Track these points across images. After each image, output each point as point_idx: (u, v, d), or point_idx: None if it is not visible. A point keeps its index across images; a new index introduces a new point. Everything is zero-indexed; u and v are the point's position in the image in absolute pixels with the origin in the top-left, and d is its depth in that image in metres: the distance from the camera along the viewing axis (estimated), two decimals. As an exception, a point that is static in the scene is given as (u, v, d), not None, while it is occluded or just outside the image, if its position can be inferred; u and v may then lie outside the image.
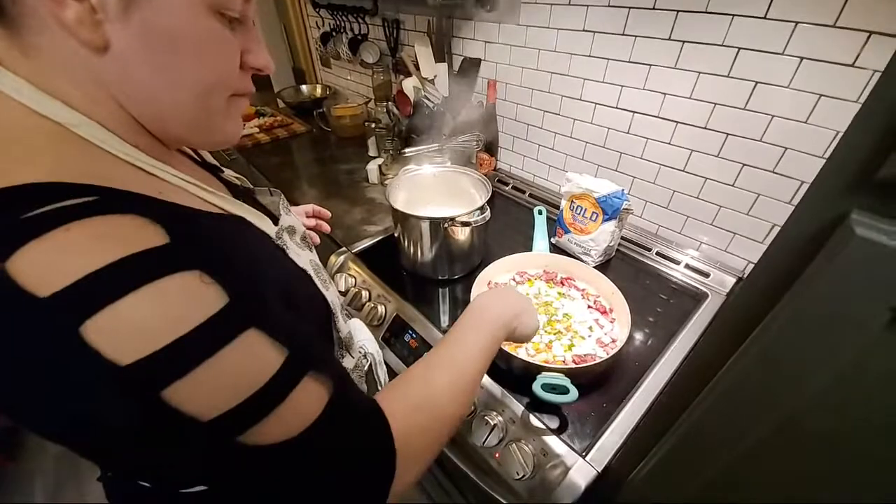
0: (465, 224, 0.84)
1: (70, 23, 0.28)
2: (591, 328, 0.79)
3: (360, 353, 0.65)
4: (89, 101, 0.31)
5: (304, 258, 0.49)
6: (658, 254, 0.99)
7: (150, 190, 0.32)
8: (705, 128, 0.86)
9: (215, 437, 0.28)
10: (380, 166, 1.32)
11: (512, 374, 0.72)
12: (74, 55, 0.29)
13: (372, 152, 1.50)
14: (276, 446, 0.30)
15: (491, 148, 1.27)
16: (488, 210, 0.84)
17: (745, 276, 0.92)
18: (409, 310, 0.88)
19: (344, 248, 1.04)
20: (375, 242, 1.07)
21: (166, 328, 0.26)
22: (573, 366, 0.70)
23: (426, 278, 0.96)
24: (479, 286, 0.84)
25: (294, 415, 0.31)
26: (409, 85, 1.21)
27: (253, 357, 0.30)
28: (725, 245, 0.93)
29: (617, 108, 0.97)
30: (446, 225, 0.85)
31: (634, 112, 0.95)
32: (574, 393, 0.63)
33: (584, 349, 0.75)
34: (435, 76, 1.24)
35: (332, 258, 1.03)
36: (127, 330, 0.25)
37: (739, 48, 0.77)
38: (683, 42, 0.82)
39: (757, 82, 0.77)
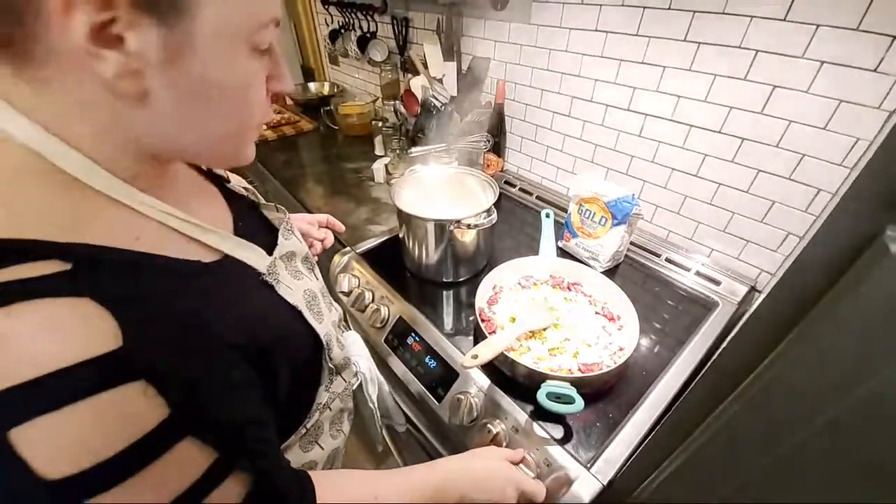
0: (471, 226, 0.82)
1: (108, 76, 0.26)
2: (598, 336, 0.78)
3: (352, 371, 0.64)
4: (93, 136, 0.30)
5: (298, 290, 0.47)
6: (668, 260, 0.97)
7: (125, 237, 0.31)
8: (720, 132, 0.84)
9: None
10: (386, 166, 1.31)
11: (516, 381, 0.70)
12: (97, 99, 0.28)
13: (378, 151, 1.49)
14: None
15: (498, 149, 1.25)
16: (495, 212, 0.83)
17: (757, 284, 0.89)
18: (413, 312, 0.86)
19: (348, 248, 1.03)
20: (380, 243, 1.06)
21: (99, 447, 0.25)
22: (579, 374, 0.68)
23: (430, 280, 0.95)
24: (484, 289, 0.82)
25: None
26: (416, 84, 1.19)
27: (181, 464, 0.29)
28: (738, 253, 0.91)
29: (629, 110, 0.95)
30: (452, 227, 0.83)
31: (647, 115, 0.93)
32: (580, 403, 0.61)
33: (590, 357, 0.73)
34: (443, 75, 1.23)
35: (336, 258, 1.02)
36: (58, 445, 0.24)
37: (757, 51, 0.75)
38: (699, 44, 0.80)
39: (775, 86, 0.75)
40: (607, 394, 0.71)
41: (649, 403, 0.69)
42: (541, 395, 0.63)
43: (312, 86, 1.99)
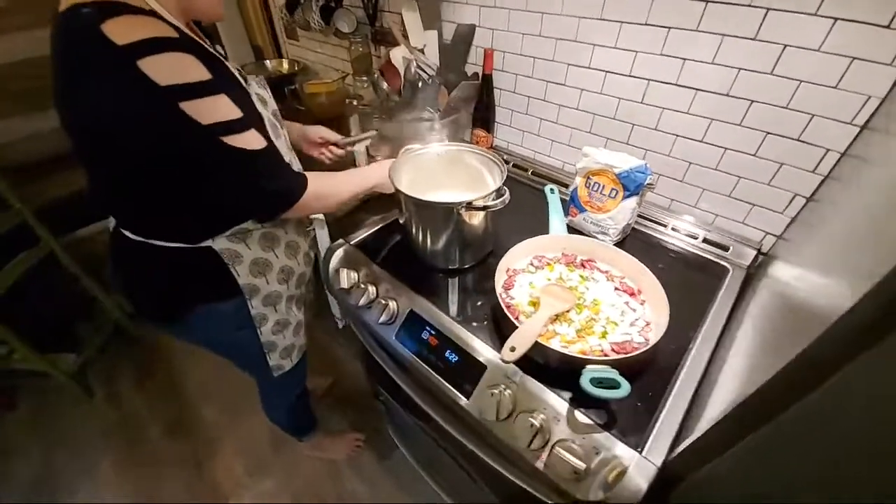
0: (483, 208, 0.76)
1: None
2: (622, 312, 0.75)
3: (308, 218, 0.96)
4: None
5: (264, 112, 0.73)
6: (674, 229, 0.96)
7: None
8: (727, 95, 0.82)
9: (209, 134, 0.59)
10: (367, 148, 1.21)
11: (550, 368, 0.67)
12: None
13: (355, 132, 1.38)
14: (238, 150, 0.62)
15: (487, 124, 1.19)
16: (507, 192, 0.77)
17: (762, 247, 0.90)
18: (424, 304, 0.80)
19: (341, 240, 0.95)
20: (375, 231, 0.98)
21: (185, 73, 0.56)
22: (617, 356, 0.65)
23: (436, 269, 0.89)
24: (500, 275, 0.77)
25: (246, 141, 0.63)
26: (397, 55, 1.10)
27: (223, 106, 0.60)
28: (743, 217, 0.91)
29: (630, 76, 0.91)
30: (461, 210, 0.77)
31: (650, 80, 0.89)
32: (626, 387, 0.58)
33: (619, 335, 0.71)
34: (424, 45, 1.14)
35: (329, 252, 0.93)
36: (164, 67, 0.54)
37: (768, 8, 0.72)
38: (707, 2, 0.77)
39: (786, 45, 0.73)
40: (641, 371, 0.68)
41: (685, 377, 0.68)
42: (584, 382, 0.59)
43: (269, 63, 1.82)
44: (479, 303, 0.82)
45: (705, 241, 0.92)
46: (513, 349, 0.59)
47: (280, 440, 1.44)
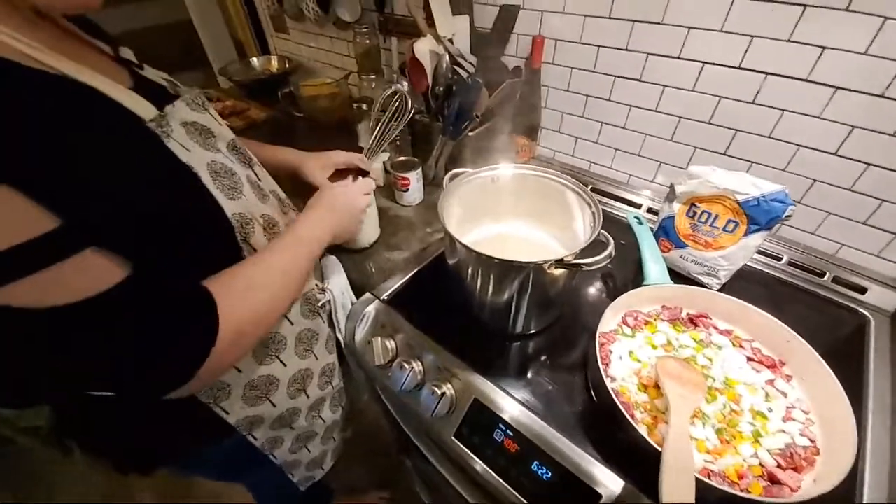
0: (574, 266, 0.55)
1: None
2: (766, 395, 0.56)
3: (316, 286, 0.66)
4: None
5: (201, 157, 0.44)
6: (791, 264, 0.76)
7: None
8: (882, 96, 0.61)
9: None
10: (385, 163, 0.99)
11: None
12: None
13: (364, 143, 1.15)
14: (60, 308, 0.31)
15: (531, 129, 0.98)
16: (612, 243, 0.56)
17: (904, 286, 0.71)
18: (489, 389, 0.60)
19: (369, 295, 0.73)
20: (411, 278, 0.76)
21: None
22: (796, 482, 0.46)
23: (494, 332, 0.68)
24: (596, 348, 0.57)
25: (72, 280, 0.31)
26: (423, 49, 0.87)
27: (14, 213, 0.28)
28: (879, 249, 0.71)
29: (740, 68, 0.70)
30: (550, 267, 0.56)
31: (767, 74, 0.68)
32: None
33: (777, 439, 0.51)
34: (453, 35, 0.91)
35: (356, 312, 0.72)
36: None
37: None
38: (868, -33, 0.56)
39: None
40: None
41: (871, 487, 0.49)
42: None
43: (256, 62, 1.56)
44: (564, 385, 0.62)
45: (836, 280, 0.73)
46: (676, 508, 0.39)
47: None
